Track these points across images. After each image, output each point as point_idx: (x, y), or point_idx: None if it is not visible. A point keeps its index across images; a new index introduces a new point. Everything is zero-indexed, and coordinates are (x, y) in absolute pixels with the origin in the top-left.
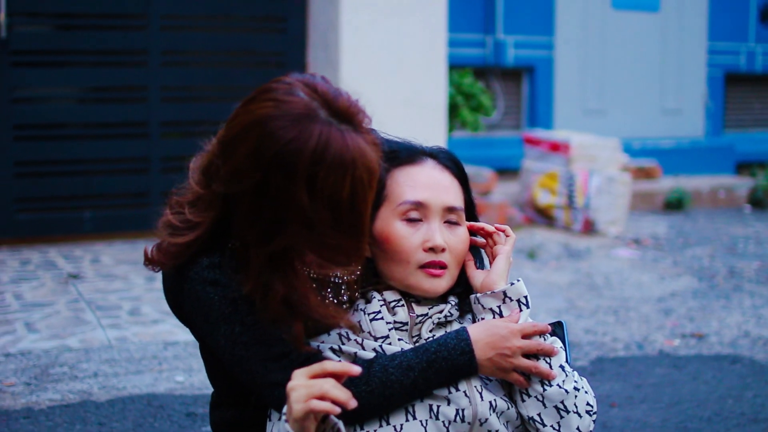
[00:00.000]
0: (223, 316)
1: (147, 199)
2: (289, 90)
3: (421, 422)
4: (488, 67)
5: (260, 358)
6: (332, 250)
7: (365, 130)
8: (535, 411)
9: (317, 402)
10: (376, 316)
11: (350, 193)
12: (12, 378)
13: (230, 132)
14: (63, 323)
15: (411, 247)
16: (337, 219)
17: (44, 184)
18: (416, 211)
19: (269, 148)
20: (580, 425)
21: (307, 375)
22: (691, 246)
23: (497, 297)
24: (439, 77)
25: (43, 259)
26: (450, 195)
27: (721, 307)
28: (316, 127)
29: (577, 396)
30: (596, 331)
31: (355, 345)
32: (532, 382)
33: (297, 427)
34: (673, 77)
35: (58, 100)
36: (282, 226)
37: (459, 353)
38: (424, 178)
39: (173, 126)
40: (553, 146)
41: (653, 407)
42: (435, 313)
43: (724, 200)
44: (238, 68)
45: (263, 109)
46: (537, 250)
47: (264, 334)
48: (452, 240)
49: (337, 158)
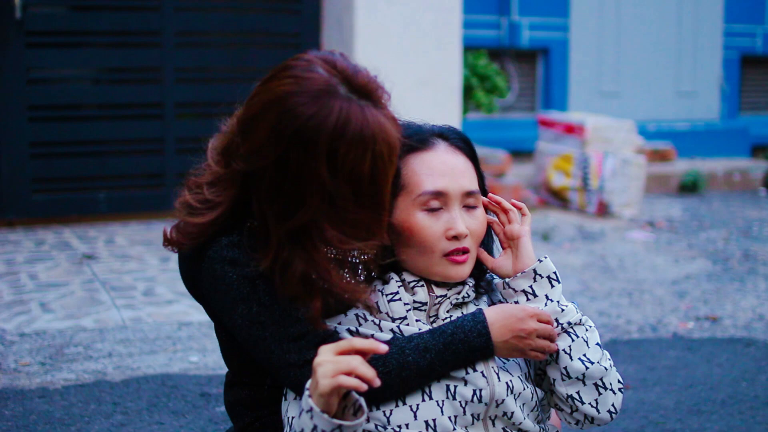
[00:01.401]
0: (241, 296)
1: (162, 180)
2: (308, 67)
3: (437, 402)
4: (503, 49)
5: (277, 338)
6: (353, 226)
7: (384, 106)
8: (575, 389)
9: (345, 378)
10: (393, 297)
11: (371, 168)
12: (27, 358)
13: (250, 110)
14: (78, 303)
15: (434, 237)
16: (357, 194)
17: (59, 165)
18: (436, 200)
19: (290, 124)
20: (615, 402)
21: (334, 351)
22: (705, 229)
23: (528, 276)
24: (453, 58)
25: (58, 240)
26: (466, 179)
27: (735, 290)
28: (336, 102)
29: (611, 373)
30: (610, 314)
31: (372, 326)
32: (573, 360)
33: (322, 402)
34: (689, 59)
35: (73, 81)
36: (302, 201)
37: (476, 335)
38: (440, 165)
39: (188, 107)
40: (568, 128)
41: (667, 390)
42: (454, 294)
43: (738, 183)
44: (253, 49)
45: (283, 86)
46: (551, 232)
47: (282, 314)
48: (472, 224)
49: (358, 133)
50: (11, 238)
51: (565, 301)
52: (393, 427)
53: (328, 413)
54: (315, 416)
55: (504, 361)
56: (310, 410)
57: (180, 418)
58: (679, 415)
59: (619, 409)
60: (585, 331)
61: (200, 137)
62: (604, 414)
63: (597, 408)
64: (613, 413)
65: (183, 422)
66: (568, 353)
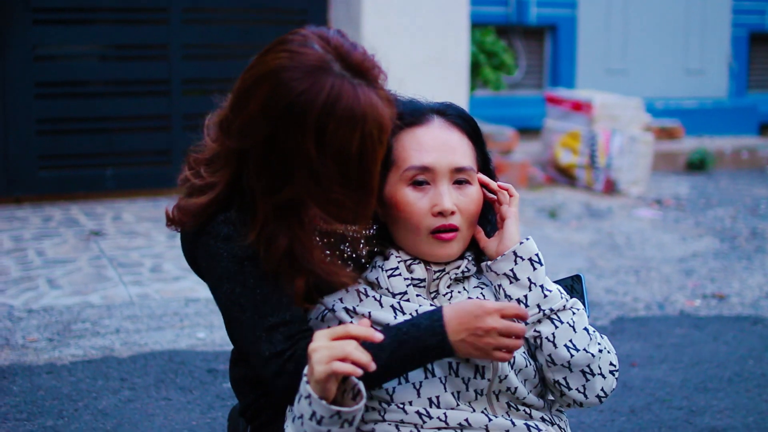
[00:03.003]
0: (228, 274)
1: (169, 157)
2: (303, 42)
3: (440, 379)
4: (511, 26)
5: (252, 324)
6: (337, 206)
7: (379, 86)
8: (561, 375)
9: (339, 364)
10: (393, 272)
11: (359, 148)
12: (35, 334)
13: (244, 83)
14: (85, 280)
15: (420, 213)
16: (344, 174)
17: (66, 141)
18: (423, 175)
19: (281, 98)
20: (604, 386)
21: (329, 337)
22: (713, 207)
23: (508, 259)
24: (461, 35)
25: (65, 216)
26: (458, 155)
27: (742, 268)
28: (329, 79)
29: (601, 357)
30: (617, 291)
31: (372, 302)
32: (557, 348)
33: (318, 389)
34: (697, 37)
35: (80, 58)
36: (289, 177)
37: (431, 334)
38: (430, 140)
39: (195, 83)
40: (575, 105)
41: (673, 367)
42: (452, 269)
43: (746, 161)
44: (260, 25)
45: (277, 60)
46: (558, 209)
47: (262, 300)
48: (462, 201)
49: (348, 112)
50: (18, 214)
51: (551, 284)
52: (396, 404)
53: (326, 399)
54: (313, 402)
55: None
56: (308, 396)
57: (187, 394)
58: (686, 392)
59: (610, 392)
60: (571, 315)
61: (207, 114)
62: (593, 399)
63: (585, 393)
64: (602, 397)
65: (190, 398)
66: (551, 341)
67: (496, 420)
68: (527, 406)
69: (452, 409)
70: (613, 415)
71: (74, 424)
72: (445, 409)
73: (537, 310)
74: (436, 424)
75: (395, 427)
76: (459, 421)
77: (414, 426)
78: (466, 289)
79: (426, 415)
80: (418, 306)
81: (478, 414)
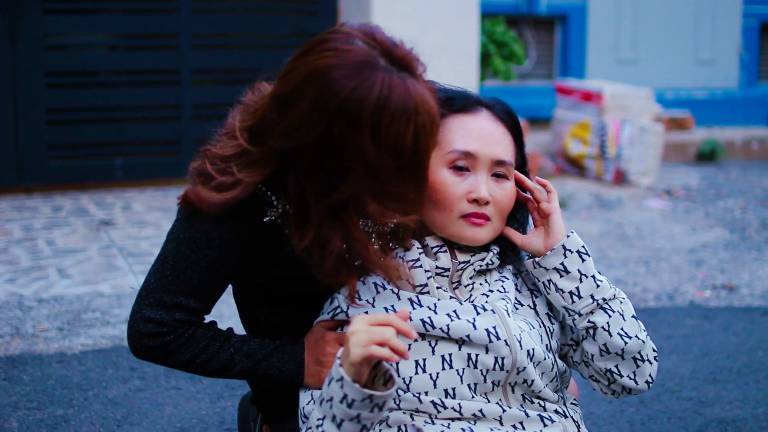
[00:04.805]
0: (190, 241)
1: (179, 147)
2: (347, 39)
3: (457, 371)
4: (521, 16)
5: (151, 287)
6: (395, 199)
7: (421, 78)
8: (613, 363)
9: (377, 348)
10: (415, 264)
11: (413, 140)
12: (45, 323)
13: (287, 86)
14: (95, 269)
15: (455, 196)
16: (400, 166)
17: (76, 131)
18: (464, 161)
19: (332, 97)
20: (651, 371)
21: (369, 322)
22: (723, 197)
23: (558, 253)
24: (471, 25)
25: (75, 206)
26: (500, 148)
27: (752, 259)
28: (378, 74)
29: (648, 344)
30: (627, 282)
31: (390, 295)
32: (612, 336)
33: (352, 371)
34: (708, 27)
35: (90, 48)
36: (345, 175)
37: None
38: (476, 129)
39: (205, 73)
40: (586, 96)
41: (683, 358)
42: (477, 260)
43: (757, 152)
44: (270, 15)
45: (323, 59)
46: (568, 200)
47: (174, 275)
48: (498, 193)
49: (401, 105)
50: (29, 204)
51: (600, 275)
52: (413, 392)
53: (359, 383)
54: (345, 385)
55: (531, 327)
56: (341, 379)
57: (197, 384)
58: (695, 383)
59: (655, 377)
60: (620, 304)
61: (217, 104)
62: (642, 385)
63: (635, 380)
64: (650, 383)
65: (200, 387)
66: (607, 329)
67: (509, 411)
68: (542, 399)
69: (467, 400)
70: (622, 405)
71: (84, 413)
72: (460, 400)
73: (591, 301)
74: (450, 414)
75: (410, 415)
76: (473, 412)
77: (428, 416)
78: (488, 282)
79: (441, 405)
80: (437, 300)
81: (493, 405)
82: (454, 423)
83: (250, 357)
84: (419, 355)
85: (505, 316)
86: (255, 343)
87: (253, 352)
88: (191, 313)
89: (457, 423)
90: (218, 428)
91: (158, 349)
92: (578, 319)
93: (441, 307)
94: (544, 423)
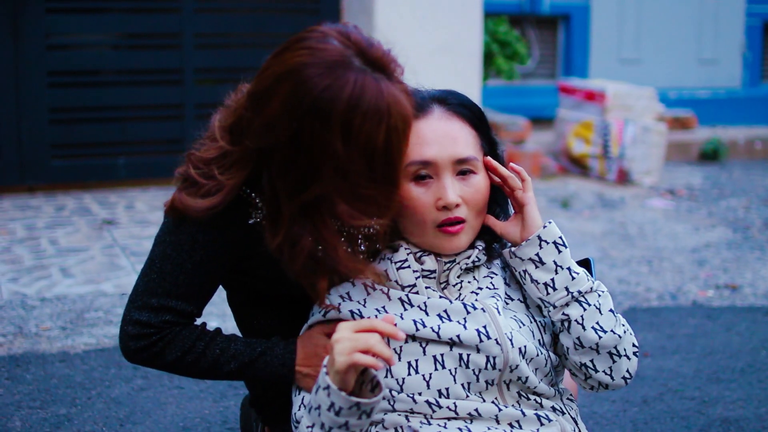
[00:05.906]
0: (176, 244)
1: (181, 146)
2: (322, 38)
3: (450, 371)
4: (524, 15)
5: (139, 290)
6: (365, 201)
7: (398, 80)
8: (588, 358)
9: (361, 355)
10: (402, 264)
11: (385, 142)
12: (48, 322)
13: (262, 83)
14: (98, 268)
15: (425, 207)
16: (371, 168)
17: (79, 130)
18: (425, 169)
19: (305, 95)
20: (629, 367)
21: (353, 329)
22: (726, 197)
23: (533, 244)
24: (474, 24)
25: (78, 205)
26: (459, 145)
27: (755, 258)
28: (351, 74)
29: (625, 339)
30: (629, 281)
31: (380, 295)
32: (586, 330)
33: (337, 379)
34: (711, 26)
35: (93, 47)
36: (316, 175)
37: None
38: (430, 133)
39: (207, 73)
40: (589, 95)
41: (686, 358)
42: (463, 259)
43: (760, 151)
44: (272, 15)
45: (298, 58)
46: (571, 199)
47: (160, 278)
48: (468, 192)
49: (373, 106)
50: (32, 203)
51: (577, 267)
52: (407, 393)
53: (345, 390)
54: (332, 393)
55: (521, 325)
56: (327, 387)
57: (200, 383)
58: (698, 383)
59: (634, 373)
60: (597, 297)
61: (219, 103)
62: (619, 380)
63: (611, 375)
64: (627, 379)
65: (203, 386)
66: (580, 323)
67: (506, 410)
68: (538, 395)
69: (462, 399)
70: (625, 405)
71: (87, 413)
72: (455, 400)
73: (565, 293)
74: (445, 413)
75: (405, 417)
76: (469, 411)
77: (424, 416)
78: (476, 279)
79: (436, 405)
80: (426, 298)
81: (488, 404)
82: (450, 423)
83: (236, 358)
84: (411, 356)
85: (495, 315)
86: (241, 343)
87: (240, 351)
88: (179, 315)
89: (453, 422)
90: (221, 427)
91: (145, 350)
92: (553, 312)
93: (431, 307)
94: (540, 422)
